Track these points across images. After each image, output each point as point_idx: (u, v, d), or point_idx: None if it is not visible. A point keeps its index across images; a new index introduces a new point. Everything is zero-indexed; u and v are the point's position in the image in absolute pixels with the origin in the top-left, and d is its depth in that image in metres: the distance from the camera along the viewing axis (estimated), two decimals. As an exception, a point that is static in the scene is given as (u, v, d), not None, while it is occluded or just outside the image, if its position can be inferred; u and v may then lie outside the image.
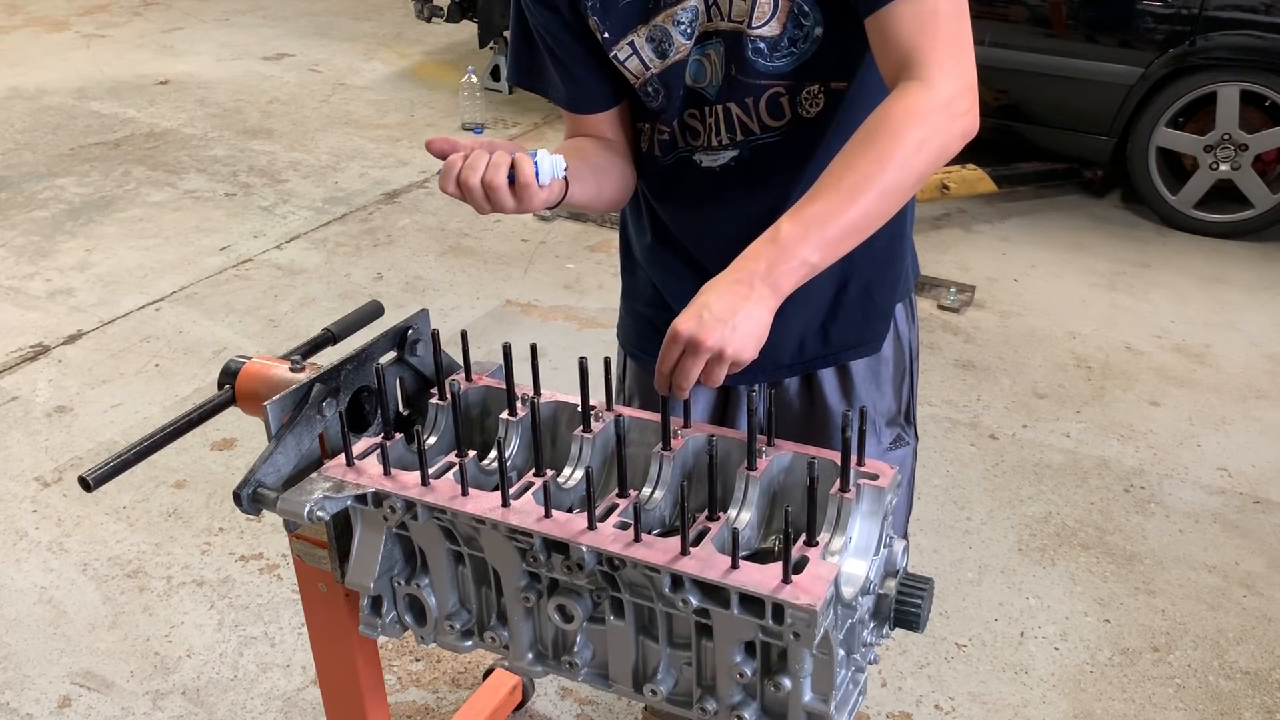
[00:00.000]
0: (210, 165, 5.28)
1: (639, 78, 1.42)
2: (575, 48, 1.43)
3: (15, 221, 4.64)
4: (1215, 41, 4.26)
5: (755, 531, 1.28)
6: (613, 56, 1.41)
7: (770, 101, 1.38)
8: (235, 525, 2.81)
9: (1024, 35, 4.61)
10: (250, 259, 4.33)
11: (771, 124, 1.39)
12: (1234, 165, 4.39)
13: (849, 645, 1.20)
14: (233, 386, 1.44)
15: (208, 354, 3.62)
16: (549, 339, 3.68)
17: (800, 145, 1.39)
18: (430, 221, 4.67)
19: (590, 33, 1.41)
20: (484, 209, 1.30)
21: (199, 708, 2.30)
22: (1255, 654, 2.45)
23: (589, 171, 1.45)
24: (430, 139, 1.32)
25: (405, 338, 1.48)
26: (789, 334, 1.50)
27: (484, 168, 1.27)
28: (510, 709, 2.22)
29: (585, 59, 1.44)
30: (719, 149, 1.43)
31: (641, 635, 1.26)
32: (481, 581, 1.36)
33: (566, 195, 1.38)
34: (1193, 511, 2.90)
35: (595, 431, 1.36)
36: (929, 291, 3.97)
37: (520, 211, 1.31)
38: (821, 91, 1.36)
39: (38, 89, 6.35)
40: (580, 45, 1.43)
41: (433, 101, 6.23)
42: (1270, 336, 3.80)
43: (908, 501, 1.72)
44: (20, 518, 2.86)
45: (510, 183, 1.28)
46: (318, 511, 1.27)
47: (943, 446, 3.15)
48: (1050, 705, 2.31)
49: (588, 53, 1.43)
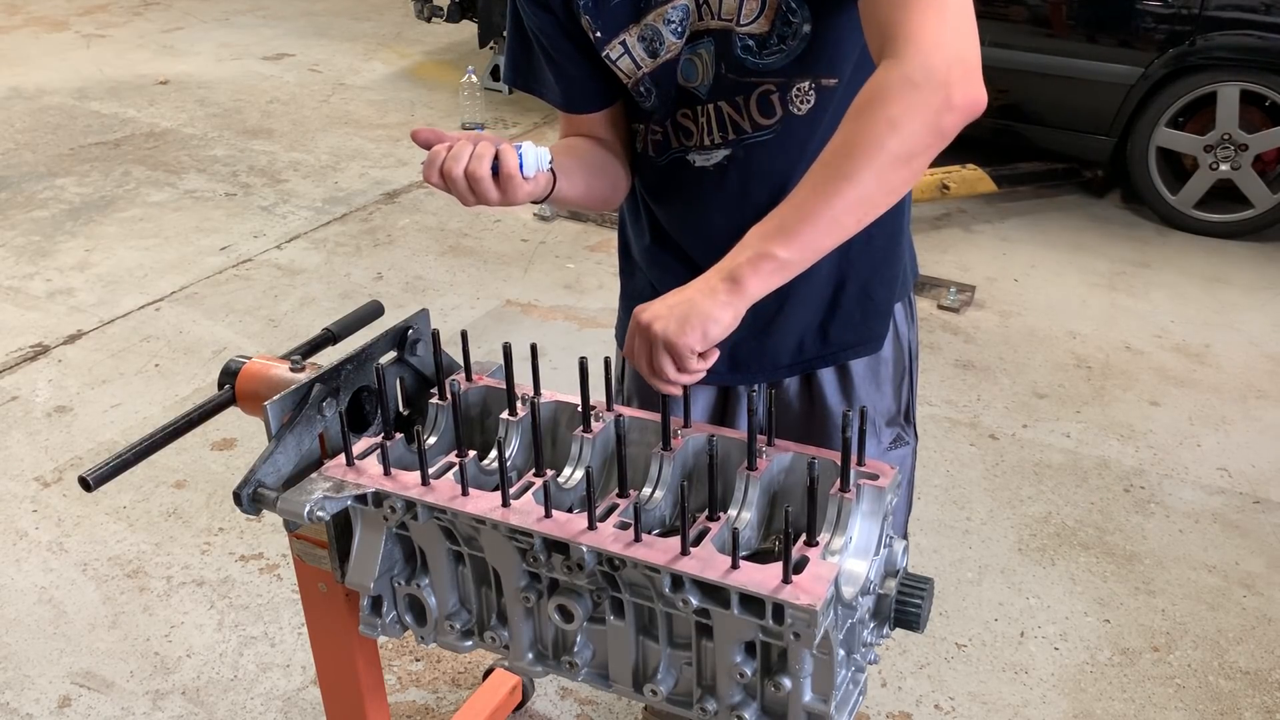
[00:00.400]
0: (210, 165, 5.28)
1: (631, 77, 1.42)
2: (568, 48, 1.44)
3: (15, 221, 4.64)
4: (1215, 41, 4.26)
5: (755, 531, 1.28)
6: (605, 56, 1.41)
7: (761, 99, 1.37)
8: (235, 525, 2.81)
9: (1024, 35, 4.61)
10: (250, 259, 4.33)
11: (763, 122, 1.39)
12: (1234, 165, 4.39)
13: (849, 645, 1.20)
14: (233, 386, 1.44)
15: (208, 354, 3.62)
16: (549, 339, 3.68)
17: (792, 143, 1.39)
18: (430, 221, 4.67)
19: (583, 32, 1.41)
20: (469, 200, 1.30)
21: (199, 708, 2.30)
22: (1255, 654, 2.45)
23: (580, 168, 1.45)
24: (416, 129, 1.32)
25: (405, 338, 1.48)
26: (788, 334, 1.51)
27: (468, 158, 1.27)
28: (510, 709, 2.22)
29: (578, 59, 1.44)
30: (711, 148, 1.43)
31: (641, 635, 1.26)
32: (481, 581, 1.36)
33: (554, 190, 1.38)
34: (1193, 511, 2.90)
35: (595, 431, 1.36)
36: (929, 291, 3.97)
37: (505, 204, 1.31)
38: (812, 89, 1.36)
39: (38, 89, 6.35)
40: (573, 45, 1.43)
41: (433, 101, 6.23)
42: (1270, 336, 3.80)
43: (907, 501, 1.73)
44: (20, 518, 2.86)
45: (495, 174, 1.28)
46: (318, 511, 1.27)
47: (943, 446, 3.15)
48: (1050, 705, 2.31)
49: (581, 53, 1.43)
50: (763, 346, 1.51)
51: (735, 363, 1.52)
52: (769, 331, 1.49)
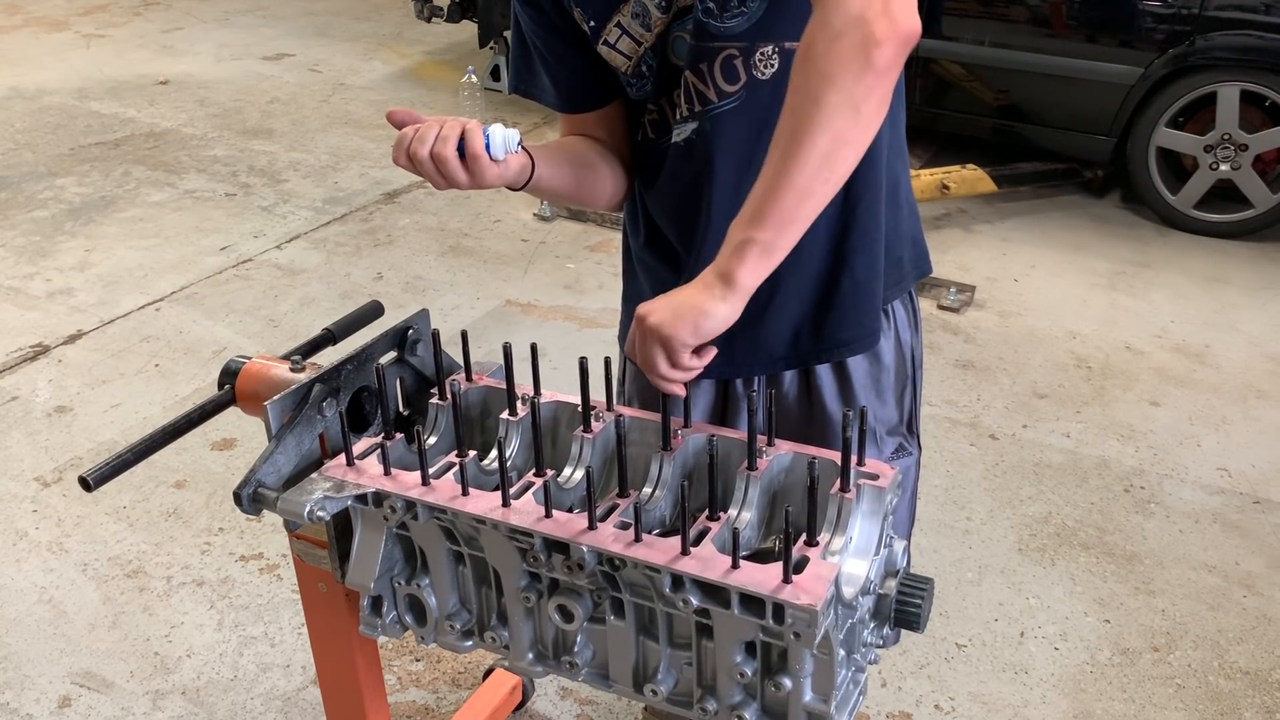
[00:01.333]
0: (210, 165, 5.28)
1: (632, 57, 1.42)
2: (561, 45, 1.45)
3: (15, 221, 4.64)
4: (1215, 41, 4.26)
5: (755, 531, 1.28)
6: (602, 43, 1.41)
7: (725, 65, 1.36)
8: (235, 525, 2.81)
9: (1024, 35, 4.61)
10: (250, 259, 4.33)
11: (727, 89, 1.37)
12: (1234, 165, 4.39)
13: (849, 645, 1.20)
14: (233, 386, 1.44)
15: (208, 354, 3.62)
16: (549, 339, 3.68)
17: (756, 111, 1.37)
18: (430, 221, 4.67)
19: (575, 30, 1.42)
20: (439, 183, 1.30)
21: (199, 708, 2.30)
22: (1255, 654, 2.45)
23: (566, 160, 1.46)
24: (392, 110, 1.32)
25: (405, 338, 1.48)
26: (782, 325, 1.50)
27: (433, 140, 1.27)
28: (510, 709, 2.22)
29: (573, 58, 1.45)
30: (681, 122, 1.42)
31: (642, 635, 1.26)
32: (482, 581, 1.36)
33: (534, 176, 1.38)
34: (1193, 511, 2.90)
35: (595, 431, 1.36)
36: (929, 291, 3.96)
37: (475, 186, 1.31)
38: (776, 52, 1.35)
39: (38, 89, 6.35)
40: (566, 43, 1.44)
41: (433, 101, 6.23)
42: (1270, 336, 3.80)
43: (911, 512, 1.70)
44: (20, 518, 2.86)
45: (463, 156, 1.28)
46: (318, 511, 1.27)
47: (943, 446, 3.15)
48: (1050, 705, 2.31)
49: (574, 50, 1.44)
50: (756, 338, 1.50)
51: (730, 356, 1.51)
52: (762, 322, 1.48)
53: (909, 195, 1.56)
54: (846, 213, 1.43)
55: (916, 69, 4.64)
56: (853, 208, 1.43)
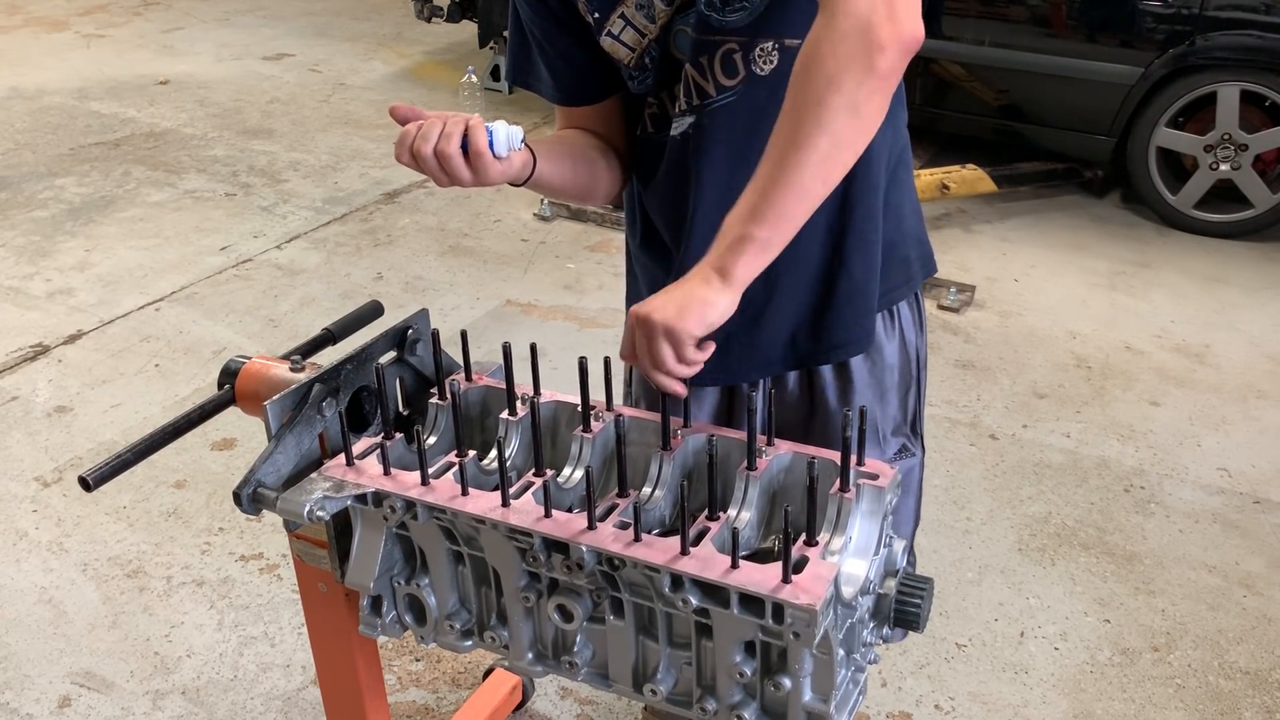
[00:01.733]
0: (210, 165, 5.28)
1: (635, 49, 1.41)
2: (563, 38, 1.44)
3: (15, 221, 4.64)
4: (1215, 41, 4.26)
5: (755, 531, 1.28)
6: (606, 34, 1.41)
7: (725, 59, 1.36)
8: (235, 525, 2.81)
9: (1024, 35, 4.61)
10: (250, 259, 4.33)
11: (726, 83, 1.37)
12: (1234, 165, 4.39)
13: (849, 645, 1.20)
14: (233, 386, 1.44)
15: (208, 354, 3.62)
16: (549, 339, 3.68)
17: (752, 107, 1.37)
18: (430, 221, 4.67)
19: (577, 22, 1.41)
20: (442, 180, 1.30)
21: (199, 708, 2.30)
22: (1255, 654, 2.45)
23: (566, 155, 1.46)
24: (394, 105, 1.31)
25: (405, 337, 1.48)
26: (779, 326, 1.50)
27: (436, 137, 1.27)
28: (510, 709, 2.22)
29: (573, 51, 1.45)
30: (680, 116, 1.42)
31: (641, 635, 1.26)
32: (481, 581, 1.36)
33: (535, 173, 1.38)
34: (1193, 511, 2.90)
35: (595, 431, 1.36)
36: (929, 291, 3.96)
37: (479, 183, 1.31)
38: (776, 48, 1.35)
39: (38, 89, 6.35)
40: (568, 35, 1.44)
41: (433, 101, 6.23)
42: (1270, 336, 3.80)
43: (915, 515, 1.69)
44: (20, 518, 2.86)
45: (466, 153, 1.28)
46: (318, 511, 1.27)
47: (943, 446, 3.15)
48: (1050, 705, 2.31)
49: (576, 43, 1.44)
50: (754, 340, 1.50)
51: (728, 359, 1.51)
52: (759, 326, 1.48)
53: (913, 196, 1.56)
54: (844, 215, 1.43)
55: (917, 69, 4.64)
56: (850, 210, 1.43)
